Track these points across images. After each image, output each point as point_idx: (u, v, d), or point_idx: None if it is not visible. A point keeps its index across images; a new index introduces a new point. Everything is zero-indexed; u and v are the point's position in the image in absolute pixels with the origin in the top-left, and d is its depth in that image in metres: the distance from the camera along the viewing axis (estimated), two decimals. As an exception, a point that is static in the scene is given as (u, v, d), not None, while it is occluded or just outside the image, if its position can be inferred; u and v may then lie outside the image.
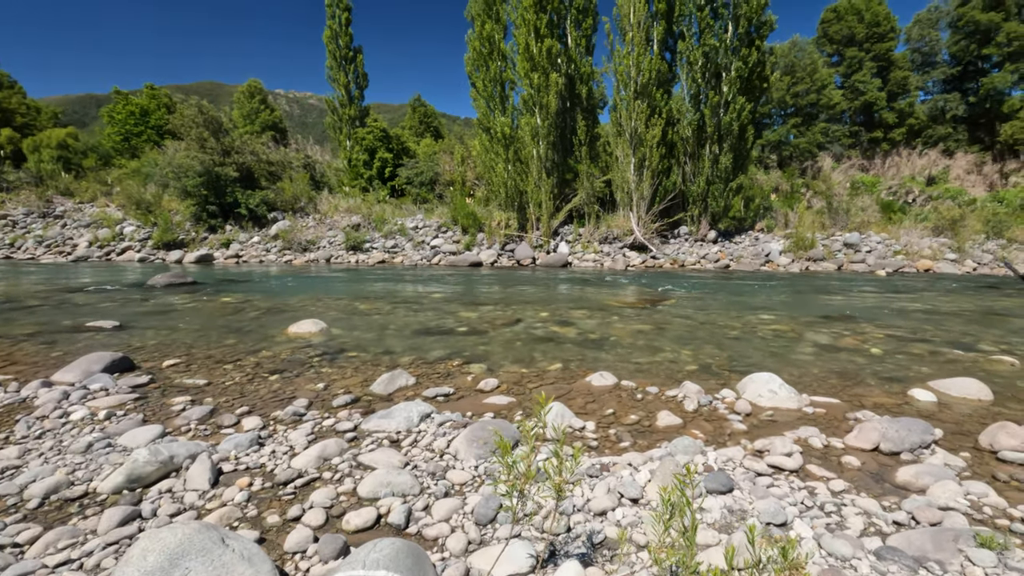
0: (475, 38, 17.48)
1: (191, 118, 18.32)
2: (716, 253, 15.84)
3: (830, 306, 8.14)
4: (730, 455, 2.80)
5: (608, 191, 17.59)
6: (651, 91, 15.82)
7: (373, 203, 19.76)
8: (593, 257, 15.95)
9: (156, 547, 1.66)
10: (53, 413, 3.36)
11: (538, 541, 2.00)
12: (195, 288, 9.94)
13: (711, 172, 16.52)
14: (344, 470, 2.64)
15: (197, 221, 17.82)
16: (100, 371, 4.13)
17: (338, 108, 23.36)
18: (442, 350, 5.26)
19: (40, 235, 17.47)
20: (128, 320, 6.60)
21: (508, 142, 17.08)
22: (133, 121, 25.71)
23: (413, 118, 30.73)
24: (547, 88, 16.29)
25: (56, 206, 19.32)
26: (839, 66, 25.70)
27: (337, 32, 22.97)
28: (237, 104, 28.78)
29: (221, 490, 2.44)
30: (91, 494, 2.42)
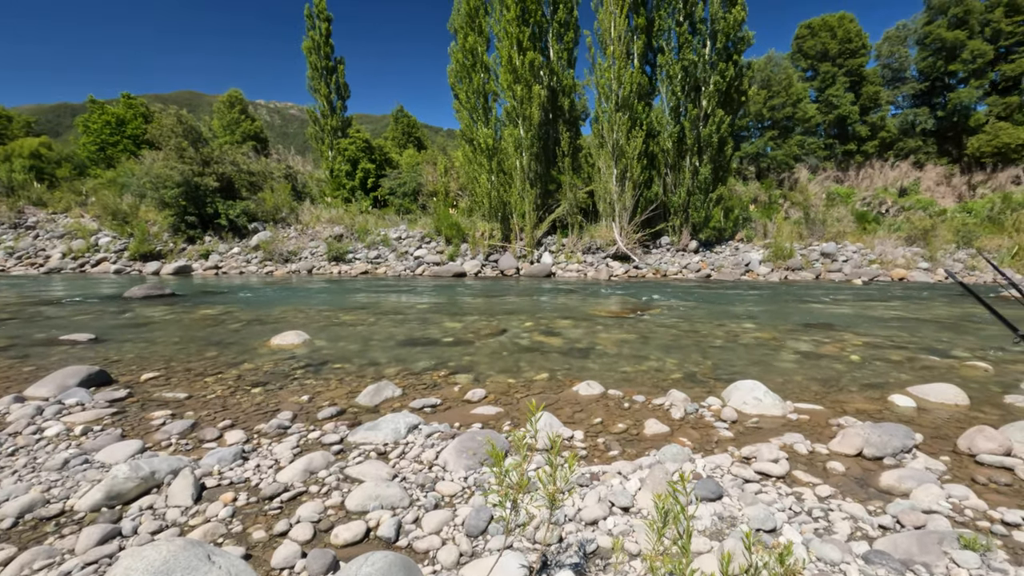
0: (458, 50, 17.60)
1: (169, 127, 18.08)
2: (697, 263, 16.05)
3: (810, 314, 8.29)
4: (718, 462, 2.82)
5: (591, 202, 17.76)
6: (632, 104, 16.07)
7: (356, 213, 19.66)
8: (576, 267, 16.04)
9: (139, 565, 1.61)
10: (26, 429, 3.25)
11: (530, 552, 1.99)
12: (173, 300, 9.75)
13: (691, 183, 16.80)
14: (331, 483, 2.60)
15: (175, 232, 17.53)
16: (76, 385, 4.01)
17: (320, 119, 23.28)
18: (428, 361, 5.23)
19: (11, 247, 17.00)
20: (104, 333, 6.44)
21: (491, 153, 17.17)
22: (109, 131, 25.27)
23: (396, 129, 30.73)
24: (530, 100, 16.45)
25: (28, 217, 18.85)
26: (813, 80, 26.42)
27: (318, 43, 22.93)
28: (217, 114, 28.49)
29: (205, 506, 2.38)
30: (68, 512, 2.34)
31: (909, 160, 25.19)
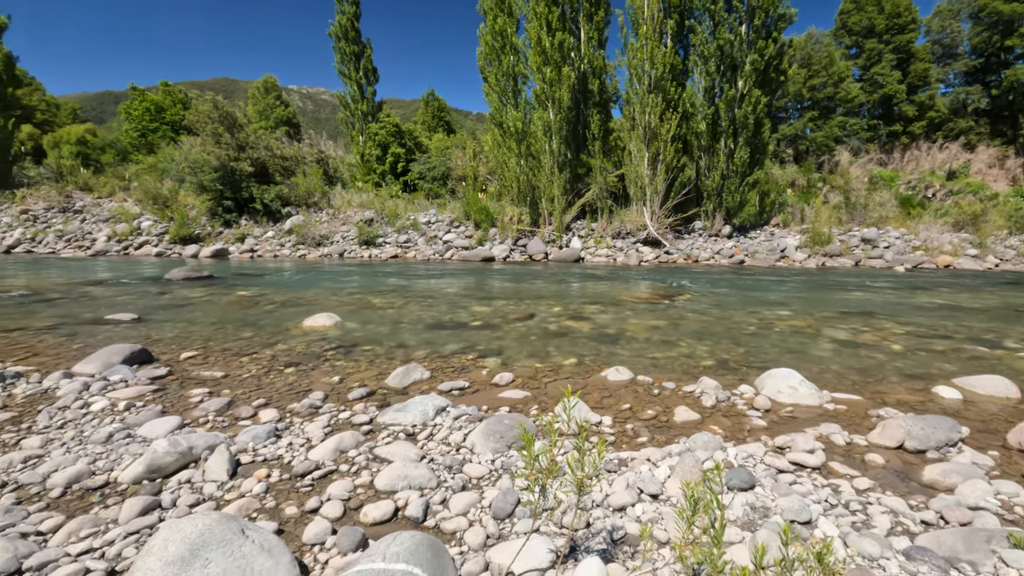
0: (487, 32, 17.40)
1: (206, 114, 18.47)
2: (731, 248, 15.68)
3: (849, 302, 8.01)
4: (750, 451, 2.76)
5: (621, 186, 17.48)
6: (665, 85, 15.66)
7: (386, 198, 19.81)
8: (606, 252, 15.86)
9: (177, 537, 1.66)
10: (74, 404, 3.40)
11: (557, 536, 1.98)
12: (211, 282, 10.04)
13: (726, 167, 16.35)
14: (361, 463, 2.64)
15: (213, 216, 18.00)
16: (120, 363, 4.17)
17: (350, 103, 23.45)
18: (456, 344, 5.25)
19: (60, 230, 17.75)
20: (146, 313, 6.68)
21: (520, 137, 17.02)
22: (149, 117, 26.01)
23: (426, 113, 30.74)
24: (559, 82, 16.19)
25: (75, 201, 19.62)
26: (858, 58, 25.26)
27: (345, 27, 23.02)
28: (252, 100, 29.00)
29: (239, 481, 2.45)
30: (112, 484, 2.44)
31: (959, 141, 23.95)
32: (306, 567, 1.85)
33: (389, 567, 1.56)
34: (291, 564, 1.76)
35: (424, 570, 1.59)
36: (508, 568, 1.75)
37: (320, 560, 1.90)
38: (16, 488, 2.38)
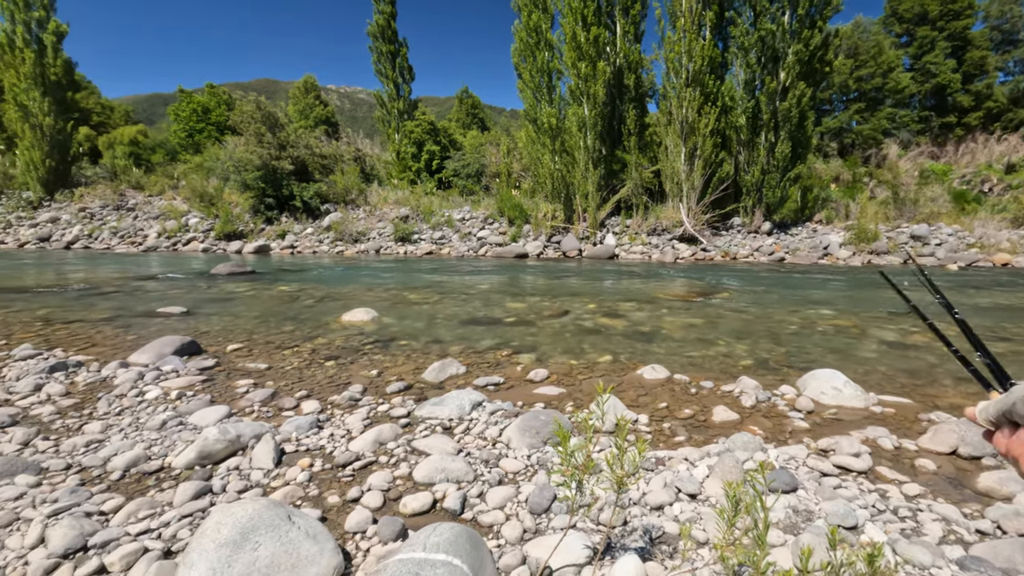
0: (521, 28, 17.37)
1: (249, 114, 19.05)
2: (771, 245, 15.26)
3: (897, 301, 7.70)
4: (792, 453, 2.69)
5: (657, 182, 17.22)
6: (703, 78, 15.32)
7: (421, 195, 20.05)
8: (641, 249, 15.66)
9: (229, 521, 1.74)
10: (130, 392, 3.58)
11: (594, 533, 1.99)
12: (254, 277, 10.37)
13: (766, 161, 15.90)
14: (399, 455, 2.70)
15: (255, 213, 18.57)
16: (171, 354, 4.36)
17: (386, 102, 23.81)
18: (491, 340, 5.29)
19: (114, 226, 18.63)
20: (194, 306, 6.95)
21: (555, 133, 16.95)
22: (196, 118, 27.00)
23: (460, 110, 30.94)
24: (594, 78, 16.03)
25: (128, 199, 20.55)
26: (909, 47, 24.13)
27: (382, 27, 23.35)
28: (292, 100, 29.76)
29: (284, 469, 2.54)
30: (166, 468, 2.56)
31: (1020, 133, 22.62)
32: (349, 554, 1.91)
33: (430, 557, 1.60)
34: (335, 551, 1.82)
35: (463, 561, 1.61)
36: (545, 562, 1.77)
37: (362, 548, 1.95)
38: (80, 470, 2.52)
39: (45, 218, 19.32)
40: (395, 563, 1.57)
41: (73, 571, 1.79)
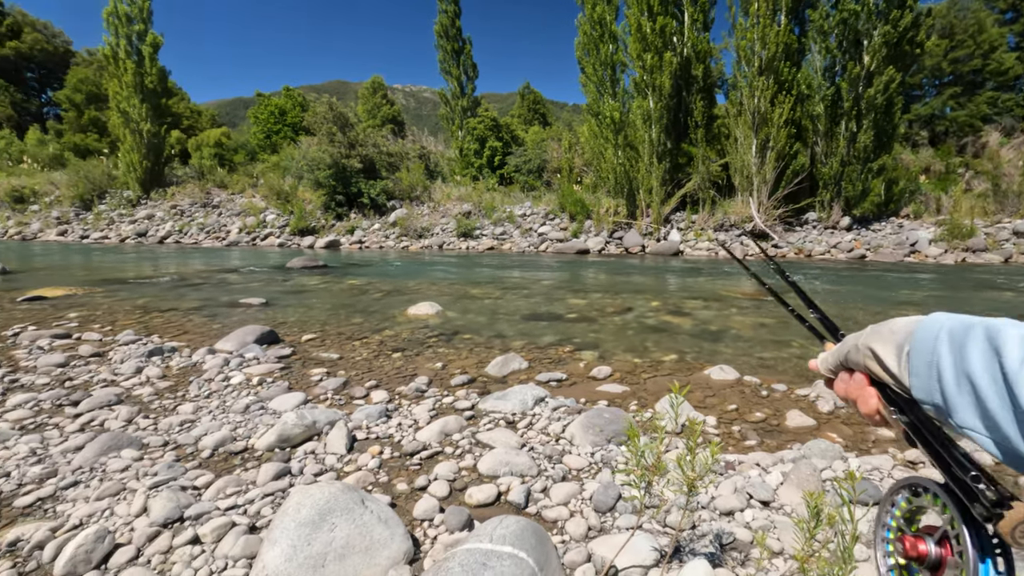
0: (585, 22, 17.15)
1: (322, 115, 19.92)
2: (850, 242, 14.33)
3: (997, 304, 7.04)
4: (876, 464, 2.52)
5: (725, 176, 16.56)
6: (778, 66, 14.56)
7: (483, 191, 20.27)
8: (707, 245, 15.14)
9: (308, 502, 1.84)
10: (217, 377, 3.85)
11: (661, 535, 1.95)
12: (325, 271, 10.87)
13: (847, 152, 14.92)
14: (464, 446, 2.75)
15: (326, 210, 19.42)
16: (253, 342, 4.65)
17: (450, 100, 24.22)
18: (553, 336, 5.29)
19: (201, 223, 20.04)
20: (272, 298, 7.38)
21: (618, 127, 16.65)
22: (273, 120, 28.54)
23: (522, 106, 31.01)
24: (660, 69, 15.60)
25: (213, 197, 22.03)
26: (1014, 24, 21.89)
27: (447, 26, 23.73)
28: (361, 99, 30.86)
29: (356, 455, 2.65)
30: (250, 449, 2.74)
31: None
32: (417, 540, 1.97)
33: (496, 548, 1.62)
34: (405, 536, 1.89)
35: (529, 555, 1.63)
36: (611, 562, 1.75)
37: (430, 535, 2.01)
38: (175, 447, 2.74)
39: (142, 215, 21.06)
40: (463, 552, 1.61)
41: (171, 539, 1.95)
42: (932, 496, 0.45)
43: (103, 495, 2.24)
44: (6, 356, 4.34)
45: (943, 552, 0.43)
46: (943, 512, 0.43)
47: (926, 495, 0.46)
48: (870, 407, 0.53)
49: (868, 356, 0.53)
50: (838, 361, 0.59)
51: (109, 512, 2.13)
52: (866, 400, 0.53)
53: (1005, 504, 0.37)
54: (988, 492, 0.39)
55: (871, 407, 0.53)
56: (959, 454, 0.43)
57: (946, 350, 0.44)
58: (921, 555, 0.44)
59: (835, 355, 0.60)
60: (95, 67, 31.81)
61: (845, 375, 0.58)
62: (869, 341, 0.53)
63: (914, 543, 0.45)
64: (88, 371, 3.96)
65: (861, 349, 0.54)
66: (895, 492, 0.51)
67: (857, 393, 0.55)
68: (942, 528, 0.44)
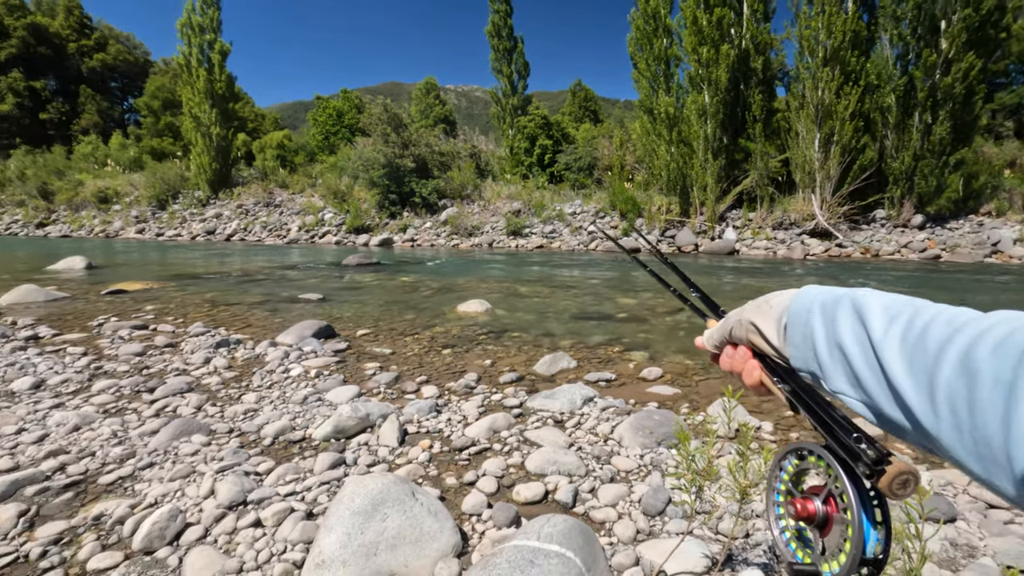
0: (638, 16, 16.84)
1: (377, 116, 20.48)
2: (923, 241, 13.43)
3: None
4: (949, 478, 2.37)
5: (785, 172, 15.87)
6: (844, 56, 13.81)
7: (533, 189, 20.28)
8: (765, 244, 14.57)
9: (362, 492, 1.90)
10: (278, 369, 4.03)
11: (712, 542, 1.90)
12: (379, 268, 11.18)
13: (920, 145, 13.97)
14: (512, 444, 2.77)
15: (380, 208, 19.96)
16: (311, 336, 4.84)
17: (501, 99, 24.36)
18: (602, 335, 5.24)
19: (264, 221, 21.02)
20: (328, 294, 7.65)
21: (672, 123, 16.26)
22: (331, 122, 29.58)
23: (573, 104, 30.80)
24: (717, 62, 15.12)
25: (275, 197, 23.06)
26: (1120, 1, 19.83)
27: (499, 25, 23.85)
28: (414, 100, 31.52)
29: (407, 449, 2.72)
30: (307, 439, 2.86)
31: None
32: (465, 534, 2.00)
33: (543, 547, 1.63)
34: (453, 529, 1.92)
35: (576, 555, 1.63)
36: (660, 567, 1.72)
37: (477, 530, 2.04)
38: (240, 435, 2.90)
39: (211, 214, 22.31)
40: (510, 548, 1.62)
41: (236, 521, 2.07)
42: (816, 458, 0.47)
43: (175, 477, 2.40)
44: (92, 345, 4.71)
45: (829, 509, 0.46)
46: (827, 472, 0.46)
47: (811, 457, 0.48)
48: (754, 378, 0.55)
49: (751, 330, 0.56)
50: (722, 337, 0.61)
51: (180, 493, 2.28)
52: (750, 372, 0.56)
53: (885, 461, 0.40)
54: (869, 452, 0.41)
55: (755, 378, 0.55)
56: (839, 417, 0.46)
57: (819, 322, 0.48)
58: (810, 514, 0.46)
59: (719, 331, 0.62)
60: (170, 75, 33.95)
61: (730, 349, 0.60)
62: (751, 316, 0.56)
63: (803, 504, 0.47)
64: (162, 360, 4.24)
65: (744, 324, 0.57)
66: (782, 458, 0.53)
67: (741, 366, 0.57)
68: (827, 487, 0.46)
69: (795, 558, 0.49)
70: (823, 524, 0.46)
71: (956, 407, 0.35)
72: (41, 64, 42.33)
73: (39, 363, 4.08)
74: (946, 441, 0.36)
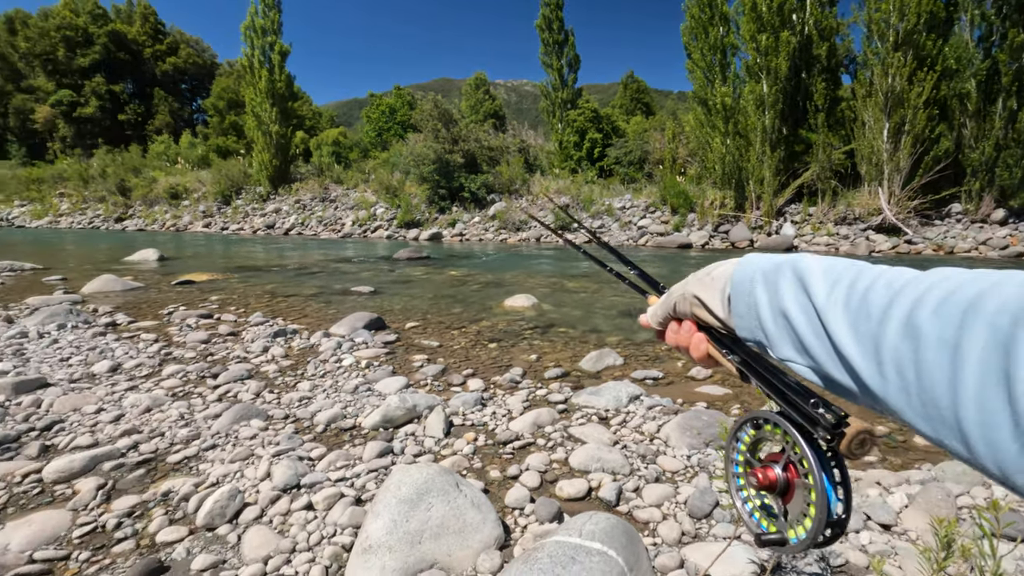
0: (693, 4, 16.29)
1: (428, 112, 20.79)
2: (1004, 238, 12.44)
3: None
4: (1028, 495, 2.19)
5: (849, 164, 15.04)
6: (918, 39, 12.91)
7: (581, 184, 20.09)
8: (826, 240, 13.88)
9: (408, 481, 1.95)
10: (331, 358, 4.18)
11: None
12: (428, 262, 11.37)
13: (1003, 134, 12.92)
14: (556, 439, 2.77)
15: (430, 203, 20.28)
16: (362, 327, 4.99)
17: (551, 92, 24.19)
18: (649, 333, 5.13)
19: (320, 216, 21.77)
20: (379, 287, 7.86)
21: (728, 114, 15.70)
22: (384, 119, 30.25)
23: (624, 96, 30.27)
24: (776, 50, 14.46)
25: (331, 192, 23.83)
26: None
27: (549, 18, 23.65)
28: (465, 96, 31.80)
29: (452, 440, 2.77)
30: (357, 427, 2.95)
31: None
32: (507, 527, 2.02)
33: (585, 544, 1.62)
34: (496, 522, 1.94)
35: (619, 553, 1.61)
36: (706, 571, 1.69)
37: (520, 524, 2.06)
38: (294, 421, 3.03)
39: (270, 209, 23.31)
40: (552, 544, 1.63)
41: (290, 503, 2.16)
42: (772, 426, 0.47)
43: (235, 459, 2.54)
44: (163, 332, 5.03)
45: (789, 476, 0.45)
46: (784, 439, 0.45)
47: (767, 426, 0.48)
48: (701, 351, 0.55)
49: (695, 304, 0.55)
50: (666, 312, 0.61)
51: (240, 474, 2.40)
52: (696, 345, 0.56)
53: (843, 424, 0.40)
54: (827, 415, 0.41)
55: (702, 351, 0.55)
56: (793, 383, 0.45)
57: (761, 290, 0.47)
58: (772, 482, 0.46)
59: (663, 307, 0.61)
60: (235, 76, 35.58)
61: (675, 325, 0.60)
62: (694, 290, 0.56)
63: (764, 472, 0.46)
64: (225, 348, 4.47)
65: (687, 298, 0.56)
66: (738, 429, 0.52)
67: (687, 340, 0.57)
68: (786, 454, 0.45)
69: (761, 528, 0.49)
70: (784, 491, 0.46)
71: (903, 370, 0.35)
72: (120, 69, 45.34)
73: (116, 348, 4.39)
74: (894, 404, 0.36)
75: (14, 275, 8.91)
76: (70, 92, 42.32)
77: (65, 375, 3.71)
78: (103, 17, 44.90)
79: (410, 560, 1.75)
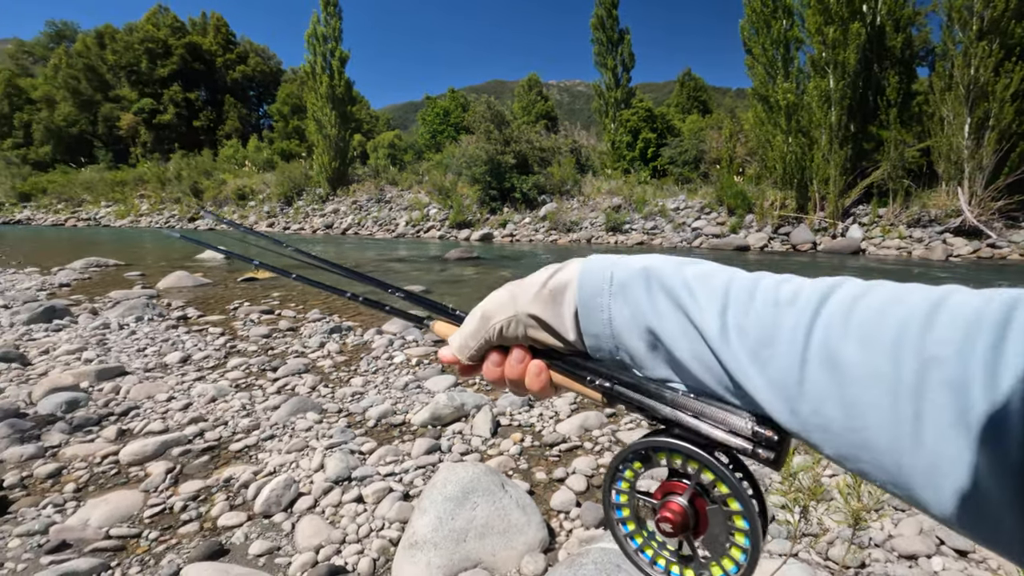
0: (755, -1, 15.72)
1: (480, 114, 21.01)
2: (1107, 242, 11.31)
3: None
4: None
5: (925, 162, 14.08)
6: (1006, 26, 11.94)
7: (634, 184, 19.76)
8: (897, 243, 13.05)
9: (454, 479, 1.98)
10: (383, 355, 4.29)
11: (820, 568, 1.75)
12: (479, 262, 11.49)
13: (1107, 128, 11.75)
14: (604, 443, 2.74)
15: (481, 204, 20.49)
16: (413, 326, 5.10)
17: (604, 92, 23.92)
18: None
19: (375, 216, 22.42)
20: (431, 286, 8.00)
21: (791, 111, 15.03)
22: (438, 121, 30.82)
23: (681, 94, 29.58)
24: (845, 43, 13.72)
25: (386, 193, 24.49)
26: None
27: (603, 17, 23.40)
28: (517, 97, 31.96)
29: (498, 440, 2.78)
30: (406, 424, 3.01)
31: None
32: (552, 531, 2.01)
33: (631, 551, 1.59)
34: (540, 525, 1.94)
35: (665, 564, 1.57)
36: (758, 587, 1.62)
37: (564, 528, 2.04)
38: (347, 415, 3.13)
39: (329, 209, 24.20)
40: (597, 551, 1.60)
41: (341, 495, 2.24)
42: (668, 453, 0.39)
43: (291, 449, 2.64)
44: (228, 326, 5.31)
45: (700, 505, 0.38)
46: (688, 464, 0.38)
47: (659, 455, 0.39)
48: (541, 382, 0.46)
49: (531, 325, 0.45)
50: (485, 341, 0.48)
51: (295, 464, 2.51)
52: (534, 376, 0.46)
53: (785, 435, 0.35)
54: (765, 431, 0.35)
55: (542, 381, 0.46)
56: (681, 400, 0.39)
57: (620, 305, 0.41)
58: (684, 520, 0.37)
59: (476, 336, 0.49)
60: (298, 83, 37.16)
61: (496, 356, 0.48)
62: (529, 308, 0.45)
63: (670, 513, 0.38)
64: (284, 342, 4.67)
65: (520, 319, 0.45)
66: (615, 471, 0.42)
67: (519, 371, 0.47)
68: (692, 481, 0.38)
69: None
70: (696, 524, 0.38)
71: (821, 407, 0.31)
72: (195, 77, 48.26)
73: (187, 340, 4.68)
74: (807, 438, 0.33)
75: (100, 270, 9.64)
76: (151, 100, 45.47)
77: (141, 364, 3.98)
78: (181, 30, 47.98)
79: (455, 558, 1.77)
